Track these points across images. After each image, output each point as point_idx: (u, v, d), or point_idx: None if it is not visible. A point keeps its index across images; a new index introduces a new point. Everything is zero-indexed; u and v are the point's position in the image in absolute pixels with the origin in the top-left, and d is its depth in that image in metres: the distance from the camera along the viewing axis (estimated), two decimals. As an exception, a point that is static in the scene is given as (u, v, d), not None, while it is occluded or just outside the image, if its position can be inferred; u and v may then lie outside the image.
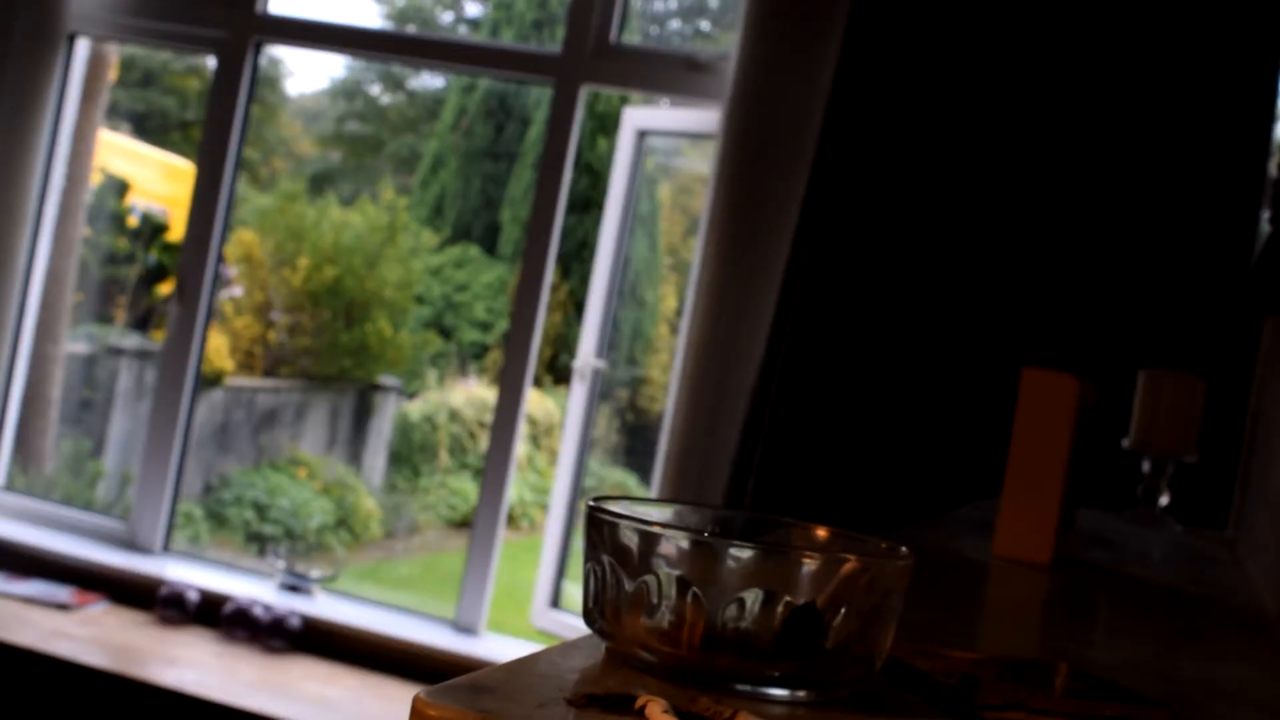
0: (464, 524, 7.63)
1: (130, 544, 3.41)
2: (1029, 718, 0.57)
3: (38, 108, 3.44)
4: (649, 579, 0.55)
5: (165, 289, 7.29)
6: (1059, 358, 2.22)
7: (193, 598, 3.16)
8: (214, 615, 3.14)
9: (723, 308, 2.74)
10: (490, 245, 9.37)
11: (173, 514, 3.46)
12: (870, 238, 2.58)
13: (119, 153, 7.61)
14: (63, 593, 3.18)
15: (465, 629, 3.17)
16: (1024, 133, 2.52)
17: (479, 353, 8.98)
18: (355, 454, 7.80)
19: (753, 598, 0.54)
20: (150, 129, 9.74)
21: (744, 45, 2.75)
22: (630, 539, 0.56)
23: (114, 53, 6.25)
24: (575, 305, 8.31)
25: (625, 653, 0.57)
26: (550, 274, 3.16)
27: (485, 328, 9.05)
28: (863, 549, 0.62)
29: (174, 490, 3.45)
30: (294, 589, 3.31)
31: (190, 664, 2.88)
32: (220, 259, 3.52)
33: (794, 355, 2.58)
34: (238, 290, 7.64)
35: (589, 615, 0.58)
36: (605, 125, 8.50)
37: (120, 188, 7.16)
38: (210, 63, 3.52)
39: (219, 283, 4.61)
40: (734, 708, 0.50)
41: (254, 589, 3.27)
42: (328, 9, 10.58)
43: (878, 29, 2.58)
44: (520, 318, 3.14)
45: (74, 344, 6.42)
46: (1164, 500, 1.72)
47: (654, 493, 2.93)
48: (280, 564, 3.65)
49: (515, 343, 3.14)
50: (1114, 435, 1.74)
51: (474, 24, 11.21)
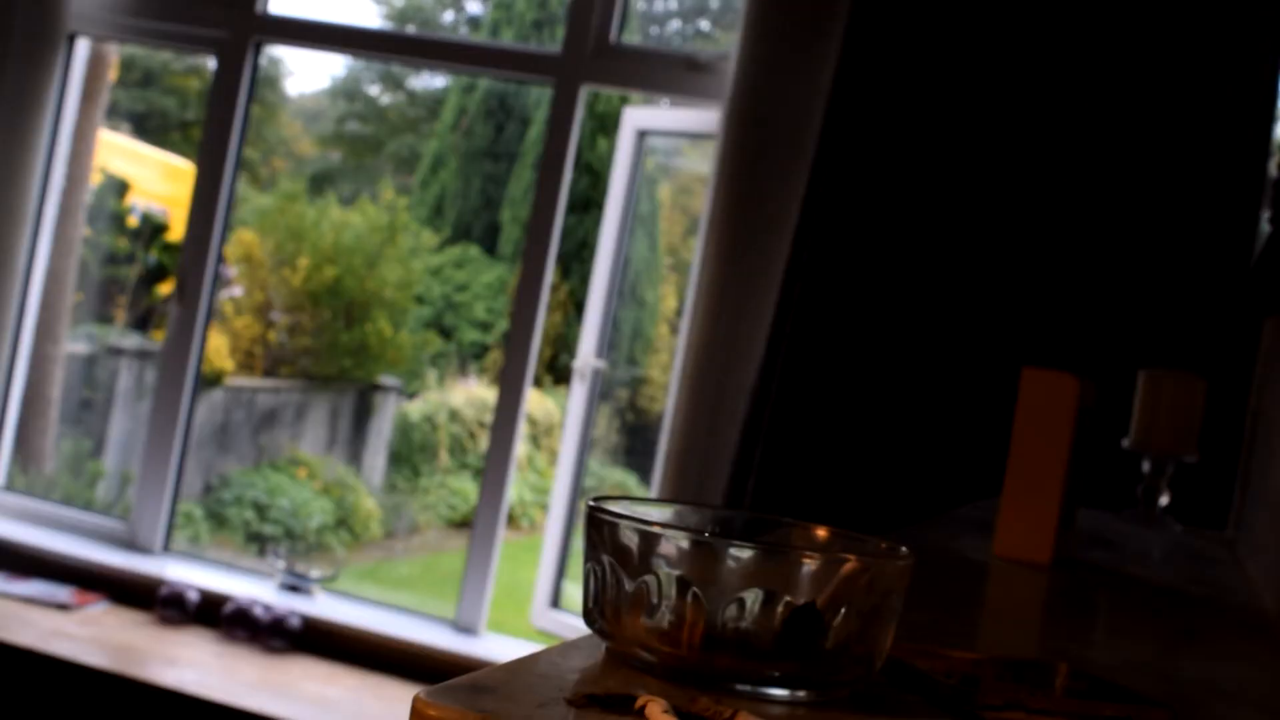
0: (464, 524, 7.63)
1: (130, 544, 3.41)
2: (1029, 718, 0.57)
3: (38, 108, 3.44)
4: (649, 579, 0.55)
5: (165, 289, 7.29)
6: (1059, 358, 2.22)
7: (193, 598, 3.16)
8: (214, 615, 3.14)
9: (723, 308, 2.74)
10: (490, 245, 9.37)
11: (173, 514, 3.46)
12: (870, 238, 2.58)
13: (119, 153, 7.61)
14: (63, 593, 3.18)
15: (465, 629, 3.17)
16: (1024, 133, 2.52)
17: (479, 353, 8.98)
18: (355, 454, 7.80)
19: (753, 598, 0.54)
20: (150, 129, 9.74)
21: (744, 45, 2.75)
22: (630, 539, 0.56)
23: (114, 53, 6.25)
24: (575, 305, 8.31)
25: (625, 653, 0.57)
26: (550, 274, 3.16)
27: (485, 328, 9.04)
28: (863, 549, 0.62)
29: (174, 490, 3.45)
30: (294, 589, 3.31)
31: (190, 664, 2.88)
32: (220, 259, 3.52)
33: (794, 355, 2.58)
34: (238, 290, 7.64)
35: (589, 615, 0.58)
36: (605, 125, 8.50)
37: (120, 188, 7.16)
38: (210, 63, 3.52)
39: (219, 283, 4.61)
40: (734, 708, 0.50)
41: (254, 589, 3.27)
42: (328, 9, 10.59)
43: (878, 29, 2.58)
44: (520, 318, 3.14)
45: (74, 344, 6.42)
46: (1164, 500, 1.72)
47: (654, 493, 2.93)
48: (280, 564, 3.65)
49: (515, 343, 3.14)
50: (1114, 435, 1.74)
51: (474, 23, 11.21)
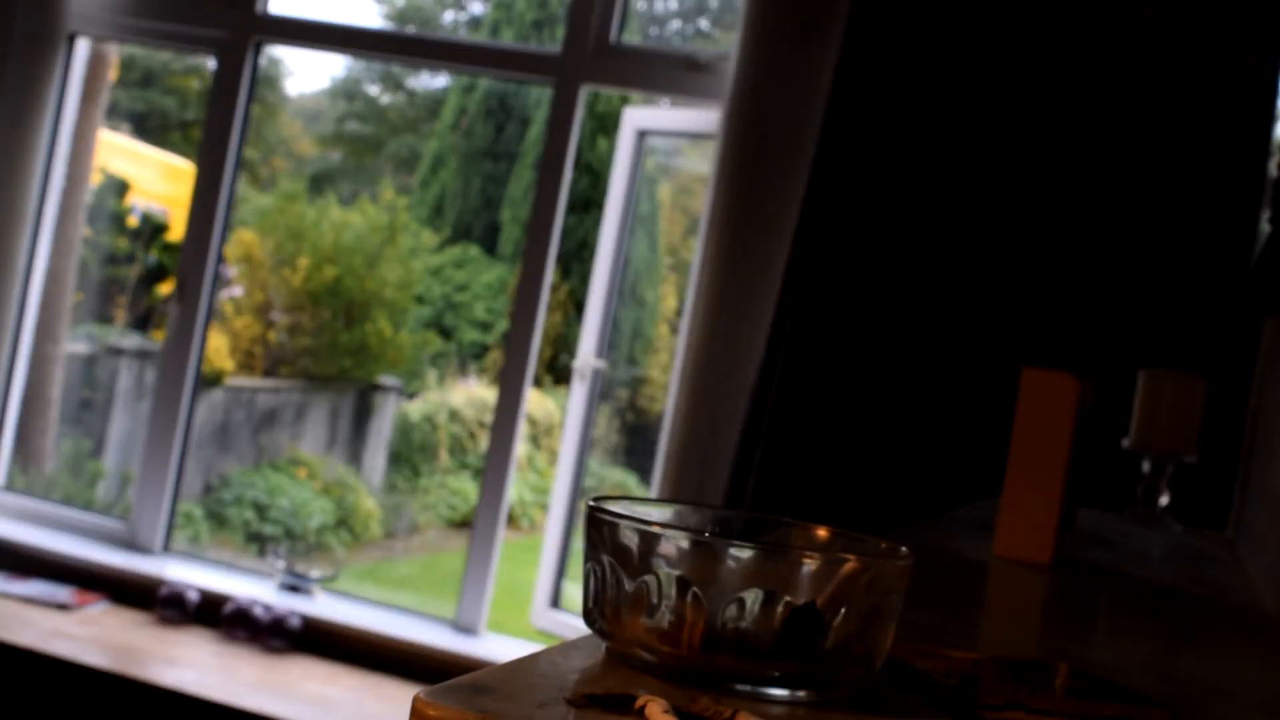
0: (464, 524, 7.63)
1: (130, 544, 3.41)
2: (1029, 718, 0.56)
3: (38, 108, 3.44)
4: (649, 579, 0.55)
5: (165, 289, 7.29)
6: (1059, 358, 2.22)
7: (193, 598, 3.16)
8: (214, 615, 3.14)
9: (723, 308, 2.74)
10: (490, 245, 9.37)
11: (173, 514, 3.46)
12: (870, 238, 2.58)
13: (119, 153, 7.61)
14: (63, 593, 3.18)
15: (465, 629, 3.17)
16: (1024, 133, 2.52)
17: (479, 353, 8.98)
18: (355, 454, 7.80)
19: (753, 598, 0.54)
20: (150, 129, 9.74)
21: (744, 45, 2.75)
22: (630, 539, 0.56)
23: (114, 53, 6.25)
24: (575, 305, 8.31)
25: (625, 653, 0.57)
26: (550, 274, 3.16)
27: (485, 328, 9.04)
28: (863, 549, 0.62)
29: (174, 490, 3.45)
30: (294, 589, 3.31)
31: (190, 664, 2.88)
32: (220, 259, 3.52)
33: (794, 355, 2.58)
34: (238, 290, 7.64)
35: (589, 615, 0.58)
36: (605, 125, 8.50)
37: (120, 188, 7.16)
38: (210, 63, 3.52)
39: (219, 283, 4.61)
40: (734, 708, 0.50)
41: (254, 589, 3.27)
42: (328, 9, 10.58)
43: (878, 29, 2.58)
44: (520, 318, 3.14)
45: (74, 344, 6.42)
46: (1164, 500, 1.72)
47: (654, 493, 2.93)
48: (280, 564, 3.65)
49: (515, 343, 3.14)
50: (1114, 435, 1.74)
51: (474, 23, 11.21)
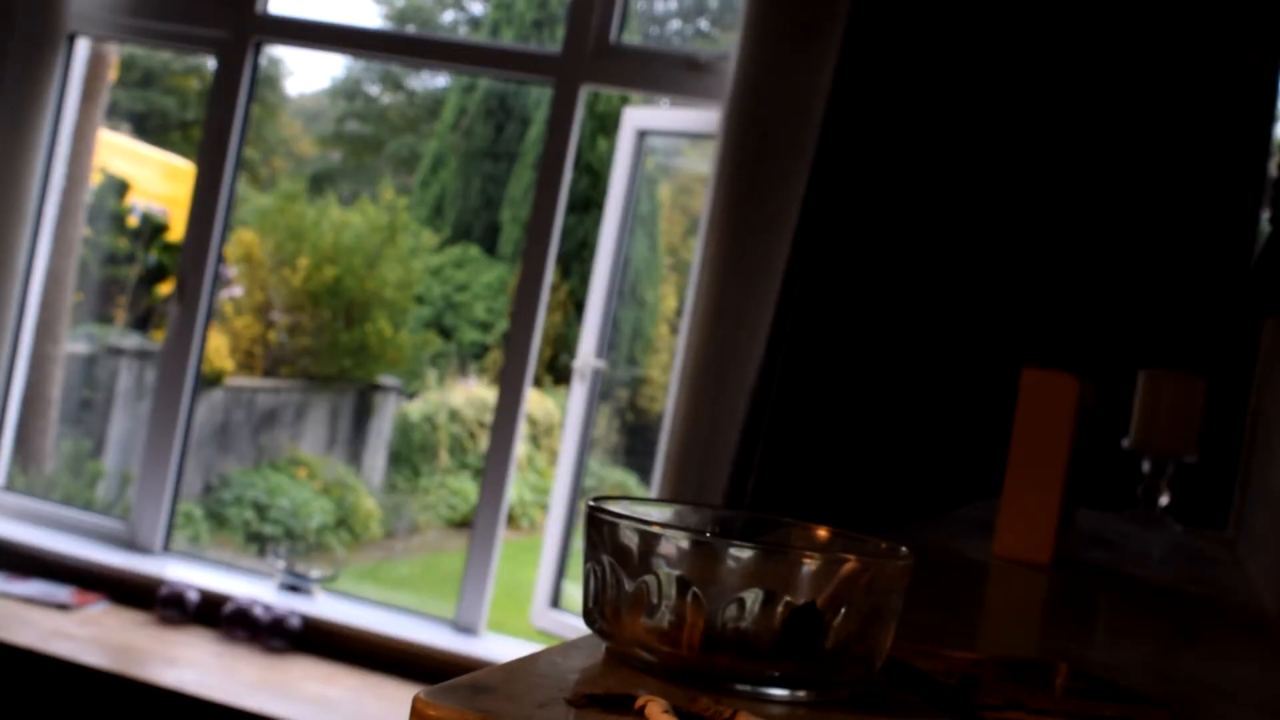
0: (464, 524, 7.63)
1: (130, 544, 3.41)
2: (1029, 718, 0.56)
3: (38, 108, 3.44)
4: (649, 579, 0.55)
5: (165, 289, 7.29)
6: (1059, 358, 2.22)
7: (193, 598, 3.16)
8: (214, 615, 3.14)
9: (723, 308, 2.74)
10: (490, 245, 9.37)
11: (173, 514, 3.46)
12: (870, 238, 2.58)
13: (119, 153, 7.61)
14: (63, 593, 3.18)
15: (465, 629, 3.17)
16: (1024, 133, 2.52)
17: (479, 353, 8.98)
18: (355, 454, 7.80)
19: (753, 598, 0.54)
20: (150, 129, 9.74)
21: (744, 45, 2.75)
22: (630, 539, 0.56)
23: (114, 53, 6.25)
24: (575, 305, 8.31)
25: (625, 653, 0.57)
26: (550, 274, 3.16)
27: (485, 328, 9.04)
28: (863, 549, 0.62)
29: (174, 490, 3.45)
30: (294, 589, 3.31)
31: (190, 664, 2.88)
32: (220, 259, 3.52)
33: (794, 355, 2.58)
34: (238, 290, 7.64)
35: (589, 615, 0.58)
36: (605, 125, 8.50)
37: (120, 188, 7.16)
38: (210, 63, 3.52)
39: (219, 283, 4.61)
40: (734, 708, 0.50)
41: (254, 589, 3.27)
42: (328, 9, 10.58)
43: (878, 29, 2.58)
44: (520, 318, 3.14)
45: (74, 344, 6.42)
46: (1164, 500, 1.72)
47: (654, 493, 2.93)
48: (280, 564, 3.65)
49: (515, 343, 3.14)
50: (1114, 435, 1.74)
51: (474, 23, 11.21)
